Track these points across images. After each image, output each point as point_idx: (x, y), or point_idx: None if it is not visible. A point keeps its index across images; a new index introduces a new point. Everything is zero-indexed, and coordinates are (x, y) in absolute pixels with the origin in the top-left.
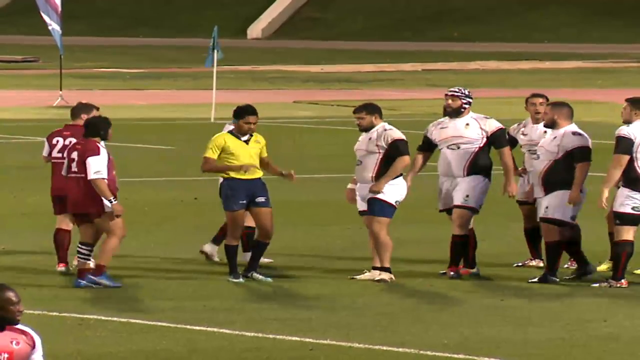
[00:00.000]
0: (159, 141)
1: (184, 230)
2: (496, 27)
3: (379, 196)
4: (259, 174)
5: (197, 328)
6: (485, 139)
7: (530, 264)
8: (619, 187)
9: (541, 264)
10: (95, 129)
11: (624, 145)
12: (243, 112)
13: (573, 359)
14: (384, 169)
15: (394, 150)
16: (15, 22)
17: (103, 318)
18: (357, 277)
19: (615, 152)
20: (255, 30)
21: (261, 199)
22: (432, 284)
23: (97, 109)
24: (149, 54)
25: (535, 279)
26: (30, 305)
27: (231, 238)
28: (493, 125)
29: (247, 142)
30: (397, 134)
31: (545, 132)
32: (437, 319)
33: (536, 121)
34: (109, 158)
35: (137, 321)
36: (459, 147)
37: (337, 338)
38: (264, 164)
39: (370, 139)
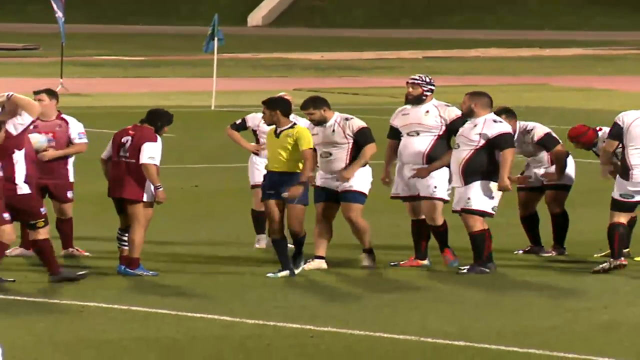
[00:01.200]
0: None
1: (184, 218)
2: (497, 14)
3: (353, 187)
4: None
5: (198, 315)
6: (444, 127)
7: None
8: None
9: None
10: (155, 118)
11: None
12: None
13: (573, 347)
14: (355, 158)
15: (361, 138)
16: (15, 10)
17: (104, 305)
18: (365, 264)
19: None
20: (256, 18)
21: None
22: (430, 274)
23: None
24: (150, 42)
25: (465, 269)
26: (32, 293)
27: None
28: (453, 113)
29: (277, 134)
30: (361, 123)
31: (465, 121)
32: (436, 308)
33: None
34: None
35: (138, 308)
36: (418, 134)
37: (337, 325)
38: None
39: (333, 131)
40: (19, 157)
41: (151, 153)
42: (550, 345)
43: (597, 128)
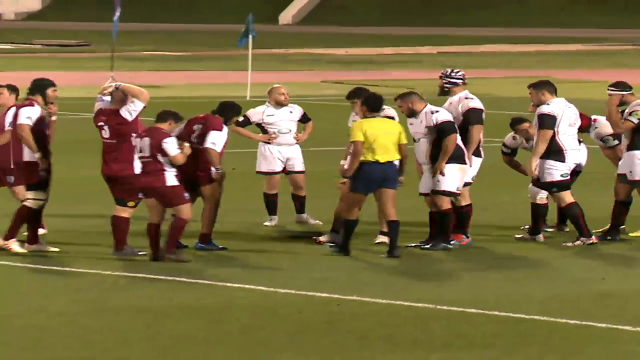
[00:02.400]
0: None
1: (223, 198)
2: (504, 14)
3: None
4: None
5: (236, 285)
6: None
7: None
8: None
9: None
10: (226, 110)
11: (548, 121)
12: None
13: (575, 314)
14: None
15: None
16: (68, 10)
17: (151, 276)
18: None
19: (540, 128)
20: (286, 16)
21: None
22: (448, 249)
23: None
24: (190, 39)
25: (428, 246)
26: (87, 266)
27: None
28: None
29: None
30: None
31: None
32: (452, 279)
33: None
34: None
35: (181, 279)
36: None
37: (361, 295)
38: None
39: (354, 121)
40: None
41: (214, 139)
42: (552, 311)
43: (593, 118)
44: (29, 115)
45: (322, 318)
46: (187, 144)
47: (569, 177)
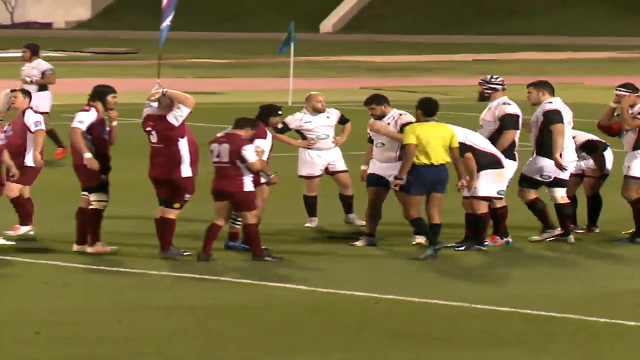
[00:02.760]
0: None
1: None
2: (535, 22)
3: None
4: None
5: (274, 284)
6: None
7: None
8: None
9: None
10: (263, 113)
11: (558, 116)
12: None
13: (604, 312)
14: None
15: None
16: (116, 19)
17: (195, 276)
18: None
19: (552, 123)
20: (327, 25)
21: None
22: (482, 251)
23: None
24: (234, 47)
25: (462, 247)
26: (133, 265)
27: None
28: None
29: None
30: (409, 118)
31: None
32: (483, 278)
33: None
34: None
35: (224, 279)
36: None
37: (398, 294)
38: None
39: (388, 124)
40: (182, 145)
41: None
42: (582, 310)
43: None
44: (82, 119)
45: (358, 316)
46: (259, 148)
47: (566, 175)
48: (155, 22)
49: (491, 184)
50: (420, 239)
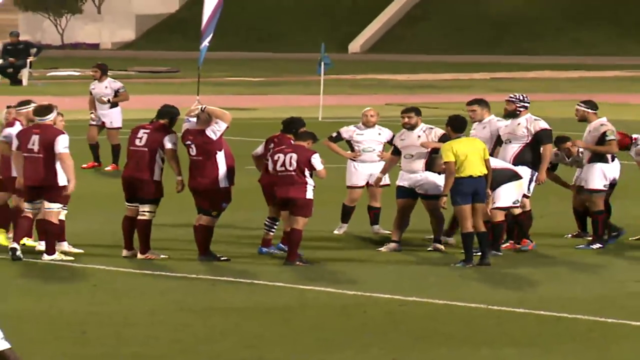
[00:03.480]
0: (267, 135)
1: None
2: (548, 43)
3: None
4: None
5: (308, 288)
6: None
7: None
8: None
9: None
10: (289, 125)
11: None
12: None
13: (612, 312)
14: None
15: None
16: (159, 40)
17: (231, 279)
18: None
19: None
20: (355, 46)
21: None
22: (498, 255)
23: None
24: (269, 66)
25: (479, 252)
26: (174, 270)
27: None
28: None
29: None
30: (440, 132)
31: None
32: (501, 281)
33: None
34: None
35: (258, 282)
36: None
37: (421, 296)
38: None
39: (419, 136)
40: (220, 157)
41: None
42: (592, 310)
43: (633, 137)
44: (175, 140)
45: (385, 317)
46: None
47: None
48: (195, 43)
49: (510, 195)
50: (439, 245)
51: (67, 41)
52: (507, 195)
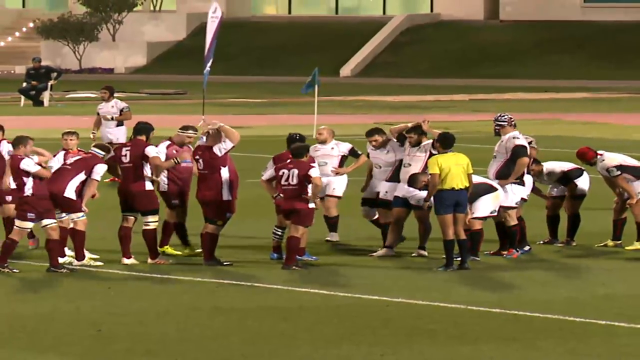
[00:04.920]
0: (276, 152)
1: None
2: (522, 67)
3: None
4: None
5: (304, 290)
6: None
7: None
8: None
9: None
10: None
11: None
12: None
13: (582, 313)
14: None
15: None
16: (168, 65)
17: (234, 282)
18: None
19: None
20: (346, 70)
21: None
22: (476, 261)
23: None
24: (268, 88)
25: (459, 258)
26: (182, 274)
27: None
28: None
29: None
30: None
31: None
32: (479, 283)
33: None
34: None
35: (259, 284)
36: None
37: (407, 297)
38: None
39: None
40: (224, 172)
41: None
42: (565, 310)
43: (598, 153)
44: (156, 150)
45: (374, 317)
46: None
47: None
48: (200, 68)
49: (488, 206)
50: (422, 252)
51: (85, 66)
52: (484, 207)
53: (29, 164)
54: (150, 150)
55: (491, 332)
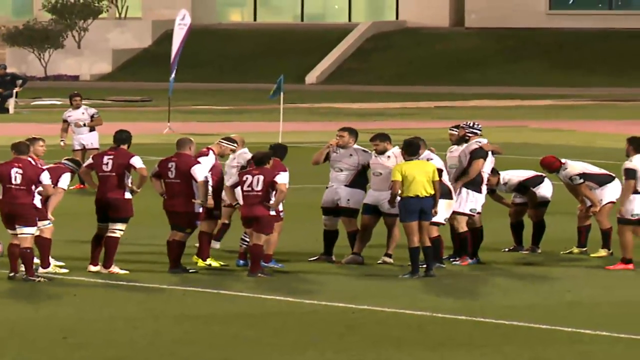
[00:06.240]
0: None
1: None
2: (488, 74)
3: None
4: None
5: (269, 297)
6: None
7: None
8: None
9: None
10: (278, 150)
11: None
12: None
13: (546, 320)
14: None
15: None
16: (133, 72)
17: (200, 289)
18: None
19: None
20: (311, 77)
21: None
22: (446, 266)
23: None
24: (232, 96)
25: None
26: (148, 281)
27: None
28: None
29: None
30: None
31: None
32: (445, 291)
33: None
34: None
35: (224, 292)
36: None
37: (372, 304)
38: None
39: (389, 157)
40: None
41: (286, 180)
42: (529, 317)
43: (563, 161)
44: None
45: (340, 324)
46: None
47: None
48: (165, 75)
49: (441, 213)
50: (388, 259)
51: (50, 73)
52: (440, 213)
53: None
54: (136, 162)
55: (457, 338)
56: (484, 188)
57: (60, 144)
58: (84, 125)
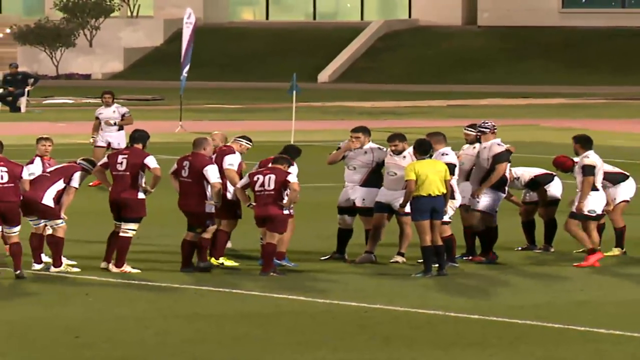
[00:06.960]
0: (255, 158)
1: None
2: (499, 73)
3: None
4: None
5: (282, 296)
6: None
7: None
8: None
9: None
10: (291, 153)
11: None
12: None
13: (558, 319)
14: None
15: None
16: (145, 71)
17: (212, 288)
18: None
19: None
20: (324, 76)
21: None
22: (459, 265)
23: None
24: (245, 94)
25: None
26: (160, 279)
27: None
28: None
29: None
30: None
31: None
32: (457, 290)
33: None
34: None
35: (237, 291)
36: None
37: (384, 303)
38: None
39: (404, 157)
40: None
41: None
42: (540, 316)
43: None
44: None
45: (352, 323)
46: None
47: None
48: (177, 74)
49: (449, 211)
50: (400, 258)
51: (62, 72)
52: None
53: None
54: (151, 161)
55: (469, 338)
56: (507, 189)
57: (90, 141)
58: (115, 124)
